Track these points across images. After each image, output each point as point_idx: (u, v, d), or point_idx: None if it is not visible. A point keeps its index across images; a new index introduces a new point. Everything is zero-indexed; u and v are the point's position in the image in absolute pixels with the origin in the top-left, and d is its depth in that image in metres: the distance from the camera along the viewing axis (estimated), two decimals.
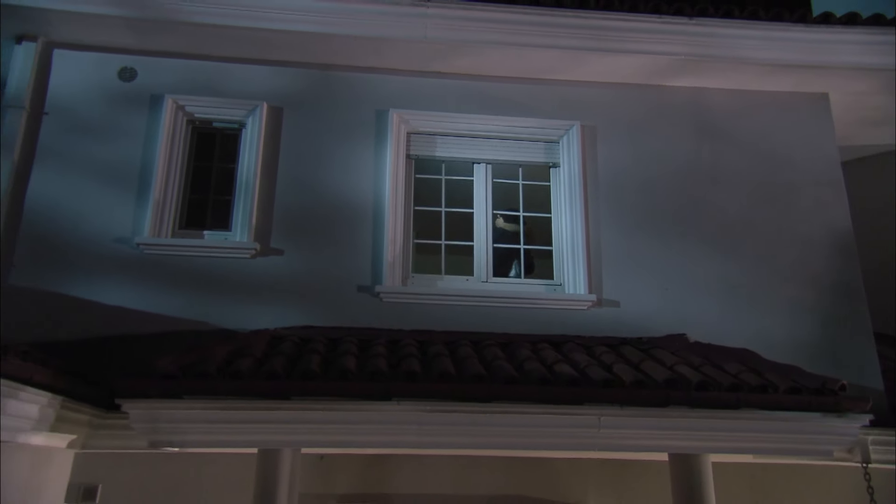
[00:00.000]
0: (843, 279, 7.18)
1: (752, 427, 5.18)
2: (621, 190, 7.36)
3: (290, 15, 6.59)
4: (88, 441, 5.58)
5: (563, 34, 6.92)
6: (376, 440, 5.25)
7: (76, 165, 6.51)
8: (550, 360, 5.47)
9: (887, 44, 7.05)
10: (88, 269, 6.23)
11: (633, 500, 7.00)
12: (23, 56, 6.51)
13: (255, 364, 4.99)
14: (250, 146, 6.87)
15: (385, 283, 6.62)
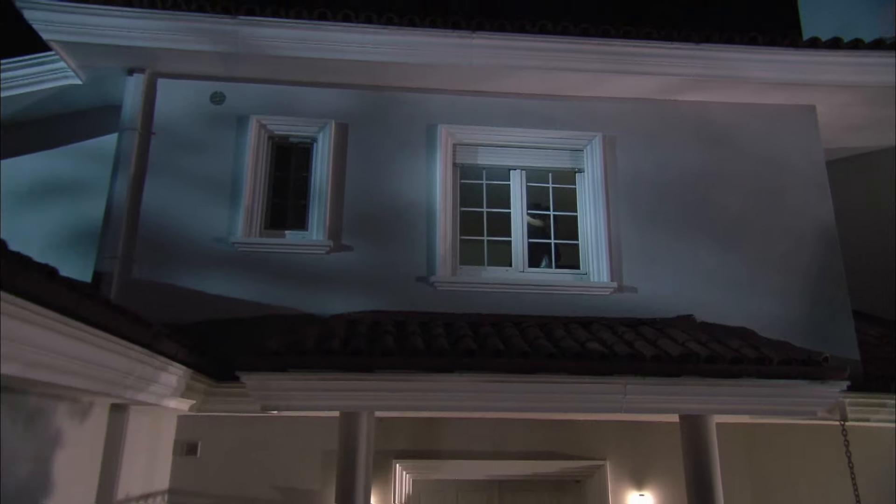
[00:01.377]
0: (826, 267, 7.58)
1: (750, 392, 5.74)
2: (637, 192, 7.76)
3: (355, 47, 7.07)
4: (203, 405, 6.24)
5: (589, 59, 7.34)
6: (441, 405, 5.88)
7: (180, 177, 7.08)
8: (582, 339, 6.05)
9: (866, 64, 7.44)
10: (193, 264, 6.82)
11: (646, 456, 7.49)
12: (133, 86, 7.08)
13: (342, 343, 5.62)
14: (321, 158, 7.38)
15: (438, 273, 7.15)
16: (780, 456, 7.54)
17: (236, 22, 6.74)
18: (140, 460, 6.15)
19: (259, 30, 6.88)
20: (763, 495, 7.42)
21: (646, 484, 7.46)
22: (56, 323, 3.35)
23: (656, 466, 7.48)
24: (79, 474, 5.16)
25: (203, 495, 6.98)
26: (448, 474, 7.56)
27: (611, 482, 7.47)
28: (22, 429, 4.35)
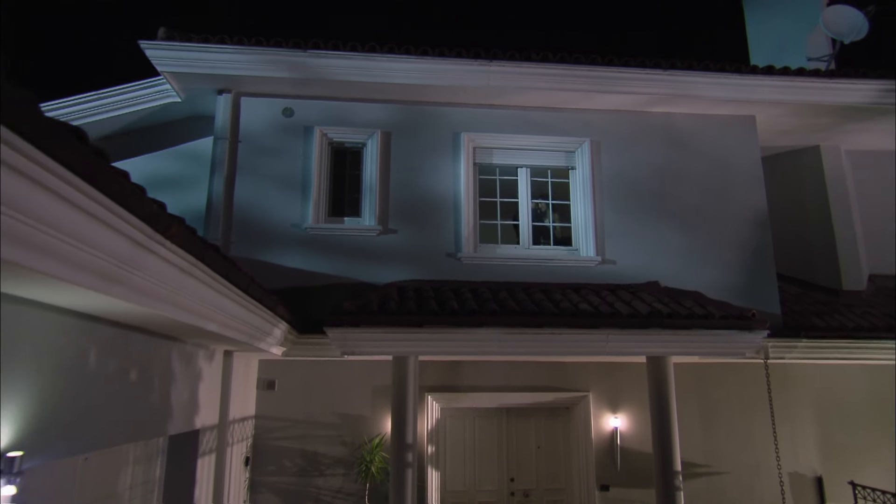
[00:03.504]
0: (759, 243, 8.49)
1: (698, 340, 6.80)
2: (617, 185, 8.55)
3: (397, 72, 7.86)
4: (289, 352, 7.24)
5: (580, 81, 8.11)
6: (472, 351, 6.99)
7: (262, 176, 7.92)
8: (575, 301, 7.11)
9: (792, 86, 8.28)
10: (275, 244, 7.75)
11: (619, 388, 8.59)
12: (223, 104, 7.89)
13: (398, 305, 6.70)
14: (370, 159, 8.21)
15: (463, 250, 8.06)
16: (720, 387, 8.62)
17: (306, 55, 7.57)
18: (238, 393, 7.34)
19: (322, 60, 7.67)
20: (707, 417, 8.55)
21: (619, 409, 8.56)
22: (239, 297, 4.55)
23: (627, 396, 8.56)
24: (209, 400, 6.38)
25: (279, 419, 8.17)
26: (467, 403, 8.62)
27: (593, 408, 8.55)
28: (182, 367, 5.57)
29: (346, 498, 7.98)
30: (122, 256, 2.78)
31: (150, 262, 3.04)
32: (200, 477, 6.12)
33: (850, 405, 8.67)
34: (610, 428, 8.52)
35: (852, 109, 8.55)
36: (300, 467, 8.02)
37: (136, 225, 2.72)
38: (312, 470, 8.02)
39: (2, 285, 2.70)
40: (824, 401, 8.67)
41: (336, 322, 6.41)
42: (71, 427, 3.63)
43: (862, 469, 8.28)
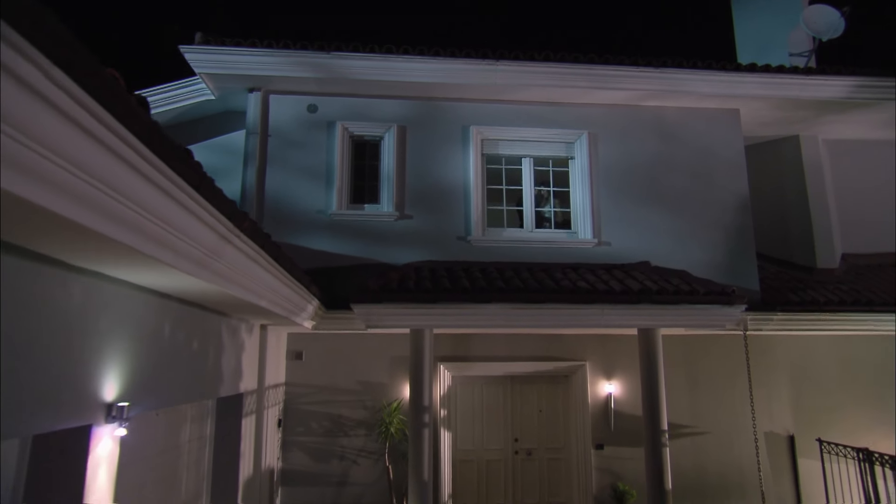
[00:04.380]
0: (740, 225, 8.87)
1: (684, 313, 7.28)
2: (612, 173, 8.89)
3: (412, 71, 8.20)
4: (318, 325, 7.80)
5: (579, 78, 8.44)
6: (481, 324, 7.48)
7: (290, 167, 8.32)
8: (574, 279, 7.60)
9: (773, 83, 8.63)
10: (303, 229, 8.18)
11: (613, 358, 9.05)
12: (253, 101, 8.28)
13: (415, 284, 7.21)
14: (388, 151, 8.58)
15: (473, 233, 8.47)
16: (705, 357, 9.12)
17: (329, 56, 7.96)
18: (272, 362, 7.92)
19: (344, 61, 8.05)
20: (693, 383, 9.07)
21: (613, 376, 9.07)
22: (284, 278, 5.10)
23: (620, 364, 9.05)
24: (250, 368, 6.97)
25: (307, 386, 8.70)
26: (476, 372, 9.14)
27: (589, 376, 9.06)
28: (229, 338, 6.15)
29: (368, 456, 8.57)
30: (210, 246, 3.33)
31: (228, 250, 3.59)
32: (244, 434, 6.73)
33: (820, 372, 9.21)
34: (605, 393, 9.05)
35: (828, 103, 8.94)
36: (326, 429, 8.59)
37: (221, 221, 3.27)
38: (337, 431, 8.59)
39: (114, 271, 3.26)
40: (797, 368, 9.21)
41: (361, 299, 6.93)
42: (154, 385, 4.21)
43: (829, 428, 8.84)
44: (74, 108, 1.84)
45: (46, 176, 1.88)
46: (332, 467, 8.49)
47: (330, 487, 8.43)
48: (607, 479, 8.75)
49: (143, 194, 2.45)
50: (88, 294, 3.30)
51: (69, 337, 3.12)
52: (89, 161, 2.04)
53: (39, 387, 2.87)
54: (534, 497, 9.10)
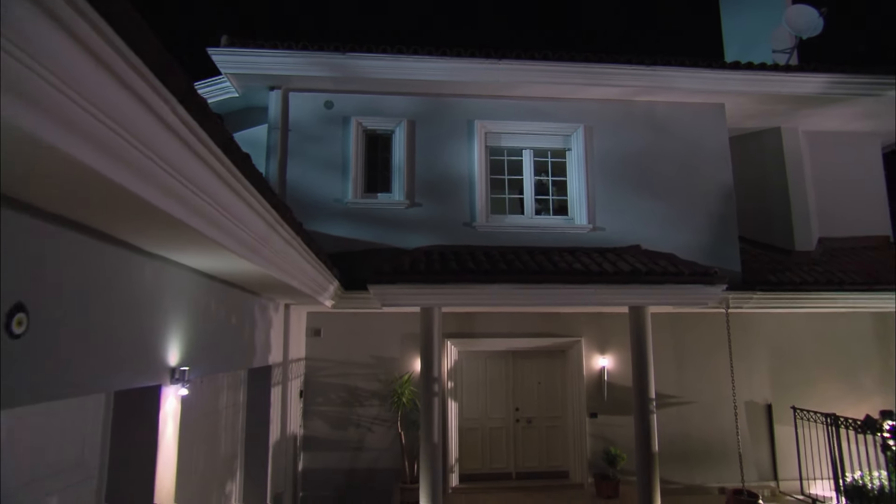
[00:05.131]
0: (724, 212, 9.26)
1: (670, 292, 7.67)
2: (606, 164, 9.25)
3: (421, 70, 8.54)
4: (336, 305, 8.19)
5: (575, 75, 8.78)
6: (485, 303, 7.79)
7: (309, 159, 8.71)
8: (570, 261, 7.99)
9: (755, 79, 8.95)
10: (322, 216, 8.58)
11: (606, 334, 9.52)
12: (274, 99, 8.65)
13: (425, 266, 7.58)
14: (399, 144, 8.94)
15: (477, 220, 8.87)
16: (691, 333, 9.62)
17: (344, 57, 8.33)
18: (295, 338, 8.42)
19: (358, 61, 8.41)
20: (679, 357, 9.57)
21: (606, 351, 9.57)
22: (313, 261, 5.59)
23: (613, 340, 9.54)
24: (276, 343, 7.46)
25: (325, 360, 9.19)
26: (480, 347, 9.63)
27: (584, 350, 9.55)
28: (260, 316, 6.65)
29: (381, 423, 9.11)
30: (261, 234, 3.82)
31: (274, 237, 4.09)
32: (273, 402, 7.26)
33: (796, 346, 9.73)
34: (598, 366, 9.56)
35: (807, 98, 9.31)
36: (343, 399, 9.13)
37: (270, 212, 3.75)
38: (353, 401, 9.12)
39: (178, 256, 3.75)
40: (776, 343, 9.72)
41: (377, 280, 7.37)
42: (204, 354, 4.73)
43: (804, 398, 9.39)
44: (183, 130, 2.33)
45: (163, 184, 2.38)
46: (349, 434, 9.03)
47: (347, 452, 8.99)
48: (600, 445, 9.29)
49: (220, 192, 2.94)
50: (157, 275, 3.79)
51: (143, 311, 3.62)
52: (184, 165, 2.53)
53: (121, 351, 3.37)
54: (533, 461, 9.67)
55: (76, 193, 2.27)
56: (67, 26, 1.58)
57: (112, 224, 2.87)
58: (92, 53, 1.72)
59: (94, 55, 1.73)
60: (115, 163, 2.04)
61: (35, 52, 1.50)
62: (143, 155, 2.18)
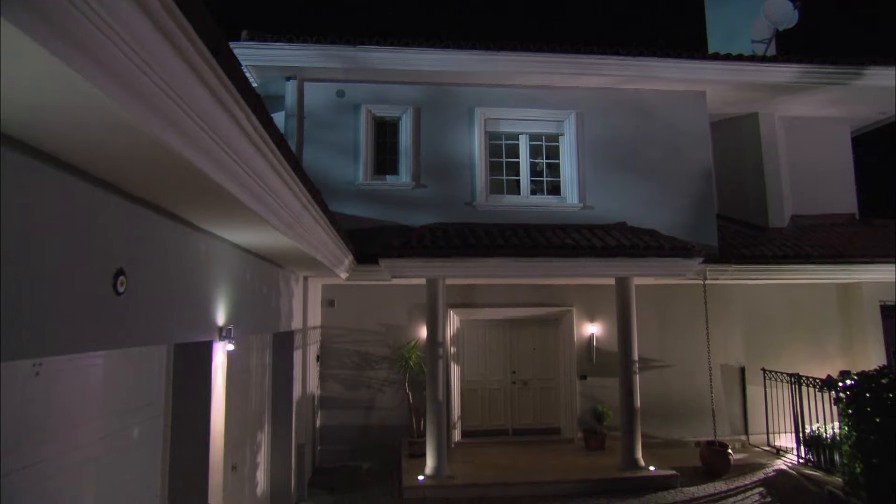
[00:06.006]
0: (703, 192, 9.74)
1: (653, 265, 8.22)
2: (596, 147, 9.68)
3: (426, 61, 8.93)
4: (350, 277, 8.70)
5: (568, 66, 9.17)
6: (486, 274, 8.31)
7: (323, 144, 9.15)
8: (562, 237, 8.52)
9: (733, 69, 9.37)
10: (336, 197, 8.92)
11: (595, 304, 10.08)
12: (291, 88, 9.06)
13: (431, 241, 8.14)
14: (405, 129, 9.37)
15: (478, 199, 9.35)
16: (673, 303, 10.20)
17: (355, 49, 8.74)
18: (312, 307, 8.98)
19: (368, 53, 8.82)
20: (662, 325, 10.17)
21: (595, 319, 10.18)
22: (335, 236, 6.14)
23: (601, 309, 10.11)
24: (297, 311, 8.03)
25: (339, 328, 9.79)
26: (480, 316, 10.21)
27: (575, 319, 10.16)
28: (284, 286, 7.22)
29: (391, 385, 9.76)
30: (296, 212, 4.37)
31: (305, 217, 4.64)
32: (295, 364, 7.86)
33: (768, 315, 10.34)
34: (588, 333, 10.17)
35: (781, 86, 9.75)
36: (355, 363, 9.75)
37: (304, 193, 4.30)
38: (365, 365, 9.75)
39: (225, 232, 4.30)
40: (750, 311, 10.33)
41: (387, 254, 7.96)
42: (243, 317, 5.31)
43: (774, 361, 10.03)
44: (256, 137, 2.87)
45: (233, 172, 2.93)
46: (362, 395, 9.68)
47: (360, 411, 9.65)
48: (589, 404, 9.95)
49: (271, 178, 3.49)
50: (208, 249, 4.35)
51: (198, 278, 4.18)
52: (250, 158, 3.08)
53: (184, 309, 3.93)
54: (528, 419, 10.35)
55: (169, 182, 2.82)
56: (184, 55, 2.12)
57: (183, 206, 3.41)
58: (208, 87, 2.27)
59: (210, 87, 2.28)
60: (206, 157, 2.59)
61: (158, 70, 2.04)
62: (223, 150, 2.73)
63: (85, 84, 1.66)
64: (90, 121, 1.97)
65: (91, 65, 1.65)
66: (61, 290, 2.45)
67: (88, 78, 1.65)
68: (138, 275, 3.17)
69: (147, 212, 3.28)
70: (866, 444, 6.50)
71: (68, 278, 2.52)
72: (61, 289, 2.45)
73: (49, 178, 2.37)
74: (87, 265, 2.67)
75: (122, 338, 3.02)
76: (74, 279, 2.57)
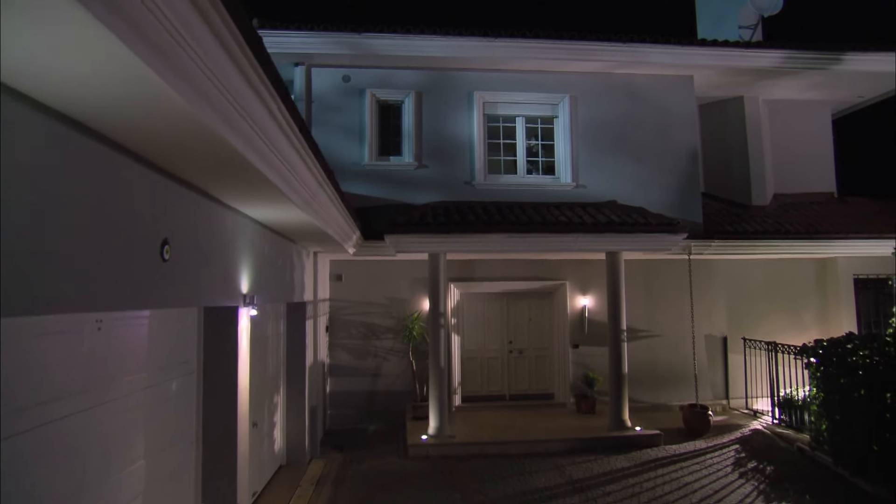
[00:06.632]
0: (690, 172, 10.03)
1: (640, 240, 8.54)
2: (588, 129, 9.95)
3: (427, 47, 9.14)
4: (357, 252, 9.04)
5: (562, 52, 9.39)
6: (484, 249, 8.60)
7: (330, 127, 9.42)
8: (556, 214, 8.84)
9: (719, 54, 9.59)
10: (343, 177, 8.99)
11: (587, 277, 10.45)
12: (299, 73, 9.30)
13: (432, 218, 8.45)
14: (408, 112, 9.64)
15: (477, 179, 9.64)
16: (660, 276, 10.58)
17: (360, 36, 8.96)
18: (321, 281, 9.36)
19: (372, 40, 9.04)
20: (650, 297, 10.55)
21: (587, 292, 10.57)
22: (345, 213, 6.50)
23: (592, 282, 10.51)
24: (308, 283, 8.42)
25: (346, 301, 10.18)
26: (479, 290, 10.59)
27: (569, 292, 10.54)
28: (297, 260, 7.60)
29: (395, 354, 10.19)
30: (312, 190, 4.73)
31: (320, 194, 5.00)
32: (307, 333, 8.28)
33: (750, 288, 10.77)
34: (580, 305, 10.58)
35: (765, 70, 10.01)
36: (362, 333, 10.17)
37: (320, 172, 4.65)
38: (371, 335, 10.17)
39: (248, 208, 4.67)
40: (733, 285, 10.74)
41: (392, 231, 8.29)
42: (263, 286, 5.70)
43: (755, 331, 10.47)
44: (283, 122, 3.22)
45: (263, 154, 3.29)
46: (368, 363, 10.12)
47: (367, 378, 10.10)
48: (581, 371, 10.39)
49: (294, 159, 3.85)
50: (234, 224, 4.72)
51: (227, 249, 4.56)
52: (278, 141, 3.43)
53: (215, 277, 4.32)
54: (524, 385, 10.81)
55: (208, 164, 3.18)
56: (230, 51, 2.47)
57: (216, 184, 3.78)
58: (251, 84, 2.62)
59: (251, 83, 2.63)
60: (245, 142, 2.96)
61: (214, 71, 2.39)
62: (257, 135, 3.09)
63: (161, 83, 2.03)
64: (165, 116, 2.34)
65: (175, 78, 2.02)
66: (124, 254, 2.84)
67: (169, 83, 2.01)
68: (178, 245, 3.55)
69: (186, 190, 3.65)
70: (831, 403, 6.94)
71: (129, 245, 2.90)
72: (124, 254, 2.84)
73: (121, 164, 2.75)
74: (143, 235, 3.06)
75: (166, 298, 3.41)
76: (135, 246, 2.95)
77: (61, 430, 2.86)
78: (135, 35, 1.80)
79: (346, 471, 7.51)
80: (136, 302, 3.04)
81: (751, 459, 7.68)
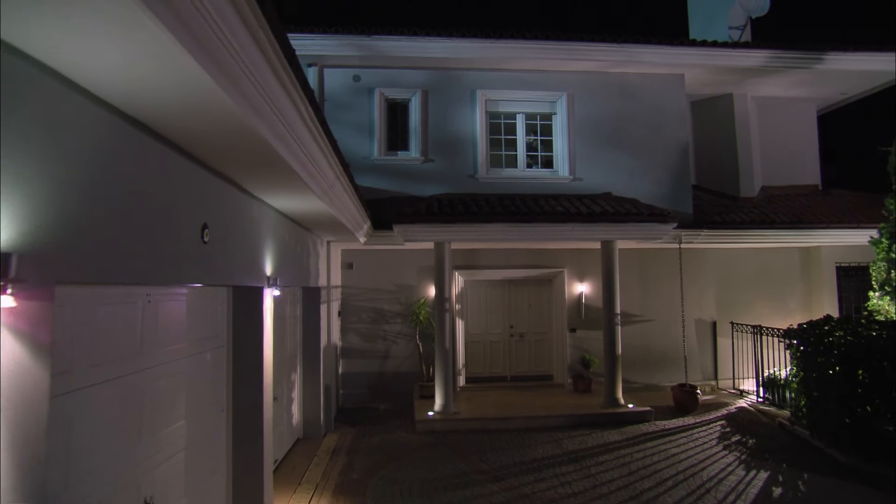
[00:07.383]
0: (681, 165, 10.28)
1: (633, 230, 8.83)
2: (585, 125, 10.22)
3: (433, 48, 9.42)
4: (367, 241, 9.38)
5: (560, 52, 9.64)
6: (486, 238, 8.86)
7: (342, 124, 9.68)
8: (553, 205, 9.10)
9: (709, 54, 9.83)
10: (354, 171, 9.25)
11: (584, 265, 10.76)
12: (312, 73, 9.58)
13: (438, 209, 8.73)
14: (415, 110, 9.94)
15: (479, 172, 9.96)
16: (653, 264, 10.87)
17: (370, 38, 9.27)
18: (334, 268, 9.74)
19: (381, 42, 9.33)
20: (644, 284, 10.87)
21: (584, 279, 10.89)
22: (357, 203, 6.85)
23: (589, 270, 10.83)
24: (322, 270, 8.79)
25: (357, 287, 10.55)
26: (481, 277, 10.92)
27: (566, 279, 10.85)
28: (312, 248, 7.96)
29: (403, 337, 10.56)
30: (330, 181, 5.08)
31: (337, 185, 5.35)
32: (322, 317, 8.66)
33: (738, 275, 11.08)
34: (578, 292, 10.91)
35: (753, 69, 10.27)
36: (372, 318, 10.54)
37: (337, 165, 5.00)
38: (380, 320, 10.54)
39: (272, 198, 5.02)
40: (722, 272, 11.06)
41: (400, 221, 8.62)
42: (284, 270, 6.06)
43: (742, 316, 10.80)
44: (308, 120, 3.58)
45: (291, 148, 3.65)
46: (378, 346, 10.50)
47: (376, 359, 10.48)
48: (578, 353, 10.75)
49: (316, 153, 4.21)
50: (259, 212, 5.08)
51: (253, 235, 4.93)
52: (304, 138, 3.79)
53: (243, 259, 4.68)
54: (524, 367, 11.17)
55: (240, 157, 3.54)
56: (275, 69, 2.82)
57: (246, 176, 4.13)
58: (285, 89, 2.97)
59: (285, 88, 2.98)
60: (276, 137, 3.31)
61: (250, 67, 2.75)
62: (286, 131, 3.45)
63: (218, 90, 2.39)
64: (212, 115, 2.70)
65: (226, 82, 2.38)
66: (172, 235, 3.20)
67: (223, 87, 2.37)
68: (214, 229, 3.91)
69: (220, 181, 4.01)
70: (809, 381, 7.28)
71: (178, 228, 3.27)
72: (172, 235, 3.20)
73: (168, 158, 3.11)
74: (188, 219, 3.42)
75: (204, 276, 3.78)
76: (184, 228, 3.32)
77: (124, 385, 3.24)
78: (200, 51, 2.16)
79: (359, 443, 7.91)
80: (181, 277, 3.41)
81: (735, 434, 8.03)
